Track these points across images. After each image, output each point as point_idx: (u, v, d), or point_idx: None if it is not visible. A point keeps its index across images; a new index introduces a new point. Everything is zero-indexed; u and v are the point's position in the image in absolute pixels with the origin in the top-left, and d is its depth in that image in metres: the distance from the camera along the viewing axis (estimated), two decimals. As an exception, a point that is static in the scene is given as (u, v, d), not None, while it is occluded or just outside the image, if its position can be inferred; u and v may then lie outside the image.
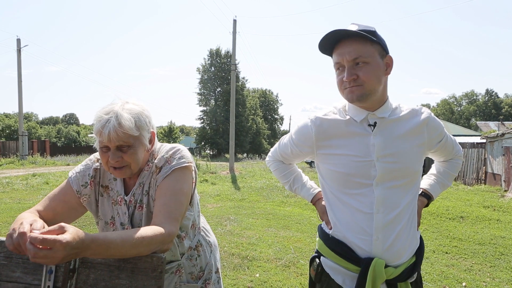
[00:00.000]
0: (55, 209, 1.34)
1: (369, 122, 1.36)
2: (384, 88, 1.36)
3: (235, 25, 18.87)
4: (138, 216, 1.42)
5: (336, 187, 1.41)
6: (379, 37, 1.30)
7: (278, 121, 66.62)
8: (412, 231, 1.39)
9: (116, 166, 1.32)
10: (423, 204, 1.55)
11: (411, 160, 1.35)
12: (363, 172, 1.34)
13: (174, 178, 1.36)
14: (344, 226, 1.40)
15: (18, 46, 22.54)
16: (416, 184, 1.41)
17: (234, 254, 4.47)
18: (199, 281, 1.53)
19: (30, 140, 27.78)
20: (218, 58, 47.14)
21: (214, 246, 1.67)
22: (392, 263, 1.35)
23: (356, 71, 1.28)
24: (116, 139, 1.27)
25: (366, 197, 1.34)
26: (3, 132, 45.04)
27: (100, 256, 1.04)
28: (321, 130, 1.42)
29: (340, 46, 1.30)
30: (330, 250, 1.44)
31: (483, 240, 5.35)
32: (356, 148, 1.35)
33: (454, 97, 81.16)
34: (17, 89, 22.36)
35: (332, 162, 1.41)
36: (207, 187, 11.39)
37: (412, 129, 1.36)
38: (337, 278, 1.42)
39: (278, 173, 1.74)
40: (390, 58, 1.34)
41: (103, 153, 1.32)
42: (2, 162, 18.65)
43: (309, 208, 7.86)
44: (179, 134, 50.24)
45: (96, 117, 1.30)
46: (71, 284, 1.12)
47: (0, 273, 1.15)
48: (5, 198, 8.45)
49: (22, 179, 12.02)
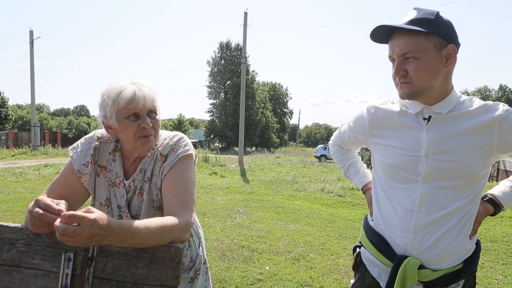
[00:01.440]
0: (61, 194, 1.33)
1: (424, 116, 1.27)
2: (445, 81, 1.23)
3: (246, 18, 18.78)
4: (137, 202, 1.40)
5: (383, 178, 1.38)
6: (439, 26, 1.16)
7: (288, 114, 66.57)
8: (462, 237, 1.27)
9: (147, 134, 1.31)
10: (486, 212, 1.36)
11: (470, 161, 1.21)
12: (409, 167, 1.27)
13: (181, 167, 1.35)
14: (384, 220, 1.37)
15: (31, 38, 22.73)
16: (475, 188, 1.26)
17: (244, 247, 4.49)
18: (190, 272, 1.52)
19: (42, 131, 28.13)
20: (228, 51, 47.12)
21: (201, 237, 1.66)
22: (430, 265, 1.27)
23: (406, 66, 1.20)
24: (150, 102, 1.31)
25: (410, 193, 1.28)
26: (16, 123, 45.68)
27: (123, 243, 1.04)
28: (375, 119, 1.39)
29: (393, 38, 1.22)
30: (369, 242, 1.42)
31: (495, 237, 5.29)
32: (406, 141, 1.29)
33: (466, 92, 79.93)
34: (30, 81, 22.61)
35: (382, 152, 1.37)
36: (216, 179, 11.42)
37: (478, 126, 1.21)
38: (373, 271, 1.40)
39: (336, 157, 1.76)
40: (453, 48, 1.18)
41: (131, 123, 1.29)
42: (15, 153, 18.93)
43: (318, 202, 7.85)
44: (188, 126, 50.41)
45: (117, 89, 1.28)
46: (89, 272, 1.13)
47: (20, 259, 1.16)
48: (18, 188, 8.58)
49: (34, 169, 12.18)
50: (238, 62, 44.86)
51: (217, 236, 4.93)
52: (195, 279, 1.53)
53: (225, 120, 46.46)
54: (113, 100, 1.27)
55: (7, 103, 40.62)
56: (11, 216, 5.77)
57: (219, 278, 3.51)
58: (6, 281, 1.16)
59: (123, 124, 1.30)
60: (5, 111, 38.71)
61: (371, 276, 1.40)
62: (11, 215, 5.83)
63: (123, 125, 1.30)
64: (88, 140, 1.44)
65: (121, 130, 1.31)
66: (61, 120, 61.67)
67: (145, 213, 1.38)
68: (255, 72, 49.50)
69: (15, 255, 1.17)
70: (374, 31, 1.23)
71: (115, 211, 1.40)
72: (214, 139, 49.23)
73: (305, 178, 11.83)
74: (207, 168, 14.21)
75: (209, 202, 7.52)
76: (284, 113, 65.31)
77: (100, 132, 1.46)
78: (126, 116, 1.29)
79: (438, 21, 1.17)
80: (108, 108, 1.29)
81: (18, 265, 1.16)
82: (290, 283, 3.50)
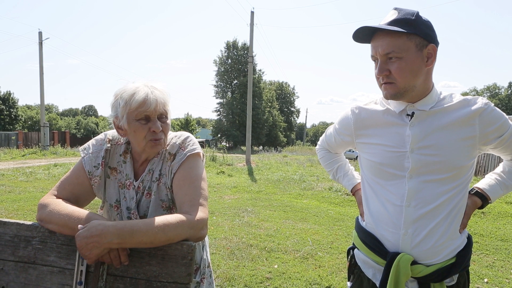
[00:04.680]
0: (73, 192, 1.35)
1: (407, 112, 1.30)
2: (426, 80, 1.26)
3: (253, 17, 18.77)
4: (145, 203, 1.40)
5: (371, 177, 1.39)
6: (419, 26, 1.19)
7: (295, 113, 66.37)
8: (453, 230, 1.29)
9: (157, 137, 1.33)
10: (475, 205, 1.39)
11: (454, 154, 1.24)
12: (396, 163, 1.30)
13: (189, 165, 1.36)
14: (374, 218, 1.38)
15: (40, 39, 22.94)
16: (461, 180, 1.28)
17: (252, 245, 4.50)
18: (197, 276, 1.51)
19: (51, 131, 28.44)
20: (234, 50, 47.16)
21: (205, 241, 1.63)
22: (423, 260, 1.28)
23: (388, 66, 1.22)
24: (161, 105, 1.32)
25: (398, 188, 1.30)
26: (26, 123, 46.21)
27: (126, 243, 1.09)
28: (359, 119, 1.42)
29: (375, 38, 1.24)
30: (361, 243, 1.43)
31: (506, 236, 5.24)
32: (391, 138, 1.32)
33: (475, 90, 79.02)
34: (39, 81, 22.81)
35: (368, 151, 1.39)
36: (224, 178, 11.46)
37: (459, 120, 1.24)
38: (368, 272, 1.41)
39: (323, 161, 1.78)
40: (433, 48, 1.21)
41: (141, 125, 1.30)
42: (25, 153, 19.14)
43: (326, 201, 7.83)
44: (195, 126, 50.55)
45: (130, 91, 1.29)
46: (103, 269, 1.15)
47: (35, 256, 1.19)
48: (29, 187, 8.69)
49: (44, 168, 12.32)
50: (245, 61, 44.87)
51: (225, 235, 4.95)
52: (201, 283, 1.52)
53: (232, 119, 46.53)
54: (126, 101, 1.28)
55: (17, 103, 41.12)
56: (22, 215, 5.85)
57: (228, 277, 3.53)
58: (22, 278, 1.18)
59: (133, 126, 1.31)
60: (15, 112, 39.21)
61: (367, 278, 1.40)
62: (23, 214, 5.91)
63: (133, 127, 1.31)
64: (99, 142, 1.45)
65: (131, 132, 1.32)
66: (69, 120, 62.23)
67: (153, 213, 1.38)
68: (262, 71, 49.49)
69: (31, 252, 1.19)
70: (356, 32, 1.25)
71: (125, 213, 1.41)
72: (221, 138, 49.35)
73: (313, 177, 11.80)
74: (214, 167, 14.25)
75: (217, 201, 7.54)
76: (291, 112, 65.17)
77: (111, 133, 1.47)
78: (137, 118, 1.30)
79: (418, 21, 1.19)
80: (120, 108, 1.30)
81: (34, 262, 1.18)
82: (299, 281, 3.50)
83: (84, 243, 1.07)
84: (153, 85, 1.33)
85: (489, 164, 11.74)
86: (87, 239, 1.07)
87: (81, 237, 1.07)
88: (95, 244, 1.07)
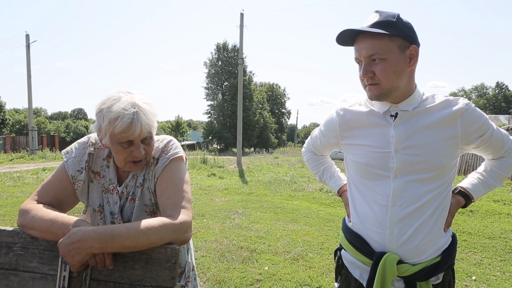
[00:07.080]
0: (55, 197, 1.33)
1: (391, 113, 1.31)
2: (409, 80, 1.28)
3: (242, 19, 18.79)
4: (129, 208, 1.39)
5: (357, 178, 1.41)
6: (400, 28, 1.21)
7: (286, 115, 66.54)
8: (437, 228, 1.31)
9: (138, 160, 1.31)
10: (458, 204, 1.42)
11: (437, 153, 1.26)
12: (381, 163, 1.31)
13: (171, 169, 1.34)
14: (361, 218, 1.39)
15: (27, 42, 22.69)
16: (445, 179, 1.30)
17: (242, 247, 4.49)
18: (181, 279, 1.50)
19: (39, 135, 28.07)
20: (225, 52, 47.17)
21: (190, 244, 1.63)
22: (409, 260, 1.30)
23: (372, 68, 1.24)
24: (146, 130, 1.27)
25: (383, 188, 1.31)
26: (13, 127, 45.55)
27: (107, 248, 1.08)
28: (344, 121, 1.43)
29: (358, 41, 1.26)
30: (348, 243, 1.44)
31: (493, 234, 5.31)
32: (375, 138, 1.34)
33: (463, 90, 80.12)
34: (27, 85, 22.56)
35: (354, 152, 1.41)
36: (214, 181, 11.42)
37: (441, 120, 1.26)
38: (355, 272, 1.42)
39: (309, 164, 1.79)
40: (415, 49, 1.24)
41: (123, 149, 1.28)
42: (12, 157, 18.86)
43: (317, 202, 7.86)
44: (186, 128, 50.39)
45: (114, 111, 1.22)
46: (86, 275, 1.14)
47: (17, 263, 1.17)
48: (17, 192, 8.56)
49: (32, 173, 12.16)
50: (235, 63, 44.91)
51: (216, 237, 4.94)
52: (186, 287, 1.52)
53: (223, 121, 46.49)
54: (110, 121, 1.23)
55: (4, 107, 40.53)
56: (9, 221, 5.76)
57: (218, 279, 3.52)
58: (3, 285, 1.16)
59: (115, 148, 1.29)
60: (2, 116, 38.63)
61: (354, 278, 1.41)
62: (9, 220, 5.82)
63: (115, 148, 1.29)
64: (82, 145, 1.42)
65: (113, 151, 1.31)
66: (58, 123, 61.52)
67: (137, 218, 1.37)
68: (252, 73, 49.59)
69: (12, 258, 1.17)
70: (340, 35, 1.26)
71: (108, 218, 1.40)
72: (212, 141, 49.22)
73: (304, 178, 11.83)
74: (205, 169, 14.21)
75: (208, 204, 7.52)
76: (282, 113, 65.30)
77: (94, 137, 1.43)
78: (119, 141, 1.26)
79: (399, 23, 1.22)
80: (103, 125, 1.25)
81: (16, 269, 1.17)
82: (289, 283, 3.51)
83: (66, 250, 1.06)
84: (139, 104, 1.26)
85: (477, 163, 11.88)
86: (68, 246, 1.06)
87: (63, 245, 1.07)
88: (77, 250, 1.06)
